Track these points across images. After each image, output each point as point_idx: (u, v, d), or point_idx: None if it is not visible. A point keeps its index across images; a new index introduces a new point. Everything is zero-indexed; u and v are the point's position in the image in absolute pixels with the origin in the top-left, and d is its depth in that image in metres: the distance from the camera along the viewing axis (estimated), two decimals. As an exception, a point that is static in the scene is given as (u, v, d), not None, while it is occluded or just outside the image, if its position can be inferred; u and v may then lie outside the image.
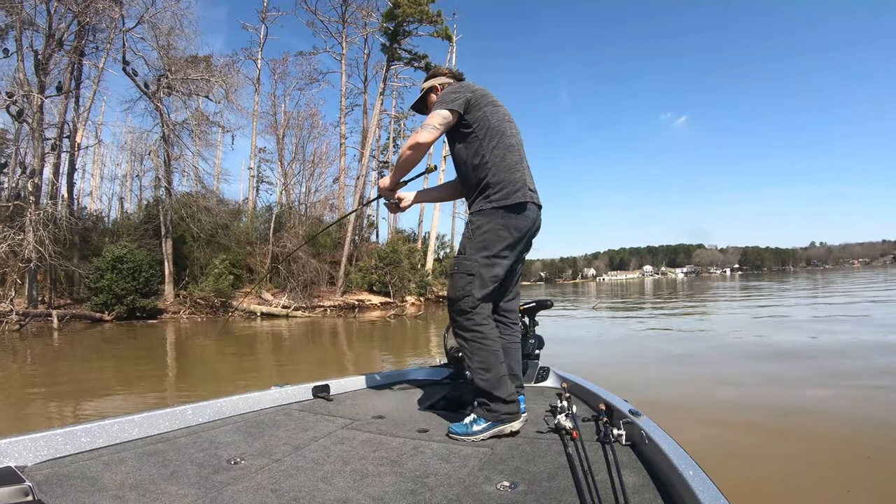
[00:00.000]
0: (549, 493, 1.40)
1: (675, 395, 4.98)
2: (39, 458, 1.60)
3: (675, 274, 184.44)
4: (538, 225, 2.28)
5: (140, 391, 6.40)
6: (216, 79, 21.56)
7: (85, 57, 19.49)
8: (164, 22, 19.89)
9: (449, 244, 36.37)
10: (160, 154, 20.74)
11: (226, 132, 25.69)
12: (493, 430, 1.94)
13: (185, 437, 1.92)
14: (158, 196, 21.80)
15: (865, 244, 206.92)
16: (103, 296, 17.41)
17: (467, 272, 2.09)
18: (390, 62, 29.27)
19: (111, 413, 4.73)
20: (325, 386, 2.69)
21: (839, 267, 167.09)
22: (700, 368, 6.30)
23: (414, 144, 2.18)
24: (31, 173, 16.79)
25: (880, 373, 5.35)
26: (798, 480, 2.89)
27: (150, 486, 1.45)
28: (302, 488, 1.45)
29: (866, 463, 3.02)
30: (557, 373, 2.89)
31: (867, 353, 6.55)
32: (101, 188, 33.49)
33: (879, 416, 3.93)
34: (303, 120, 29.34)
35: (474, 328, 2.06)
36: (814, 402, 4.46)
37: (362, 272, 26.36)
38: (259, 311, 20.32)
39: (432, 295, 29.41)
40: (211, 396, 2.22)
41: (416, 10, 26.94)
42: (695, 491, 1.16)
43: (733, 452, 3.30)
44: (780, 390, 4.92)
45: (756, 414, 4.18)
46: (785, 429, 3.75)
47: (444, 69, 2.50)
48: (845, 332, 8.67)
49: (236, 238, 23.21)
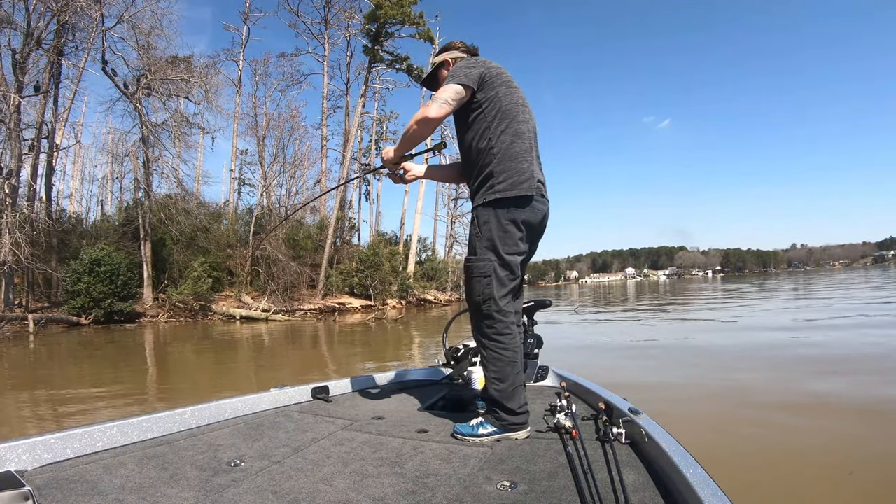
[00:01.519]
0: (549, 492, 1.43)
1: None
2: (39, 463, 1.63)
3: (658, 276, 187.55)
4: (546, 220, 2.19)
5: (114, 398, 6.43)
6: (196, 79, 21.68)
7: (64, 56, 19.48)
8: (144, 21, 20.02)
9: (431, 247, 36.82)
10: (139, 155, 20.82)
11: (206, 133, 25.75)
12: (497, 437, 1.95)
13: (184, 439, 1.95)
14: (137, 198, 21.84)
15: (846, 246, 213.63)
16: (81, 299, 17.54)
17: (483, 274, 2.02)
18: (372, 64, 29.49)
19: (84, 421, 4.97)
20: (324, 387, 2.71)
21: (820, 268, 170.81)
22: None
23: (422, 119, 2.07)
24: (8, 174, 16.78)
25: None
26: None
27: (150, 489, 1.47)
28: (302, 490, 1.48)
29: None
30: (557, 372, 2.91)
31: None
32: (81, 190, 33.31)
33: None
34: (283, 121, 29.40)
35: (496, 337, 2.02)
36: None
37: (343, 275, 26.59)
38: (238, 315, 20.54)
39: (413, 298, 29.73)
40: (196, 402, 2.23)
41: (399, 11, 27.27)
42: (695, 489, 1.19)
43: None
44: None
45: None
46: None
47: (458, 42, 2.38)
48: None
49: (216, 241, 23.35)
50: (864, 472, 3.17)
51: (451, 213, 36.67)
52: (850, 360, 6.61)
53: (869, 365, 6.20)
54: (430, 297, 30.99)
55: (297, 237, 26.58)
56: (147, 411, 2.03)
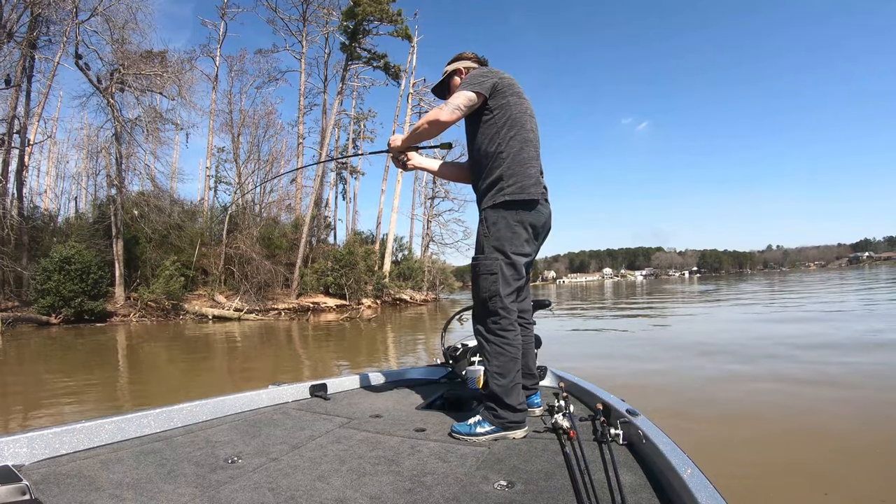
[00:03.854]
0: (546, 492, 1.45)
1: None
2: (36, 457, 1.65)
3: (635, 276, 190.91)
4: (550, 224, 2.32)
5: (75, 401, 6.24)
6: (170, 75, 21.76)
7: (37, 50, 19.48)
8: (118, 15, 20.08)
9: (407, 246, 37.18)
10: (112, 152, 20.88)
11: (180, 130, 25.78)
12: (495, 436, 1.99)
13: (182, 435, 1.98)
14: (110, 195, 21.86)
15: (821, 247, 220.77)
16: (50, 298, 17.55)
17: (490, 272, 2.11)
18: (349, 61, 29.85)
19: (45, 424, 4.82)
20: (322, 385, 2.75)
21: (795, 269, 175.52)
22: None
23: (433, 121, 2.21)
24: (-24, 170, 16.76)
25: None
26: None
27: (148, 485, 1.49)
28: (299, 487, 1.49)
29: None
30: (555, 372, 2.96)
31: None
32: (56, 187, 32.96)
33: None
34: (259, 118, 29.51)
35: (500, 332, 2.09)
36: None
37: (317, 274, 26.85)
38: (211, 314, 20.77)
39: (389, 297, 30.10)
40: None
41: (377, 8, 27.69)
42: (692, 490, 1.20)
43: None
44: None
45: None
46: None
47: (469, 53, 2.51)
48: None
49: (190, 239, 23.49)
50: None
51: (427, 212, 37.15)
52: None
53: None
54: (405, 297, 31.39)
55: (272, 235, 26.77)
56: (144, 406, 2.09)
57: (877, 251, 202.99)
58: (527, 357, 2.28)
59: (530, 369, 2.35)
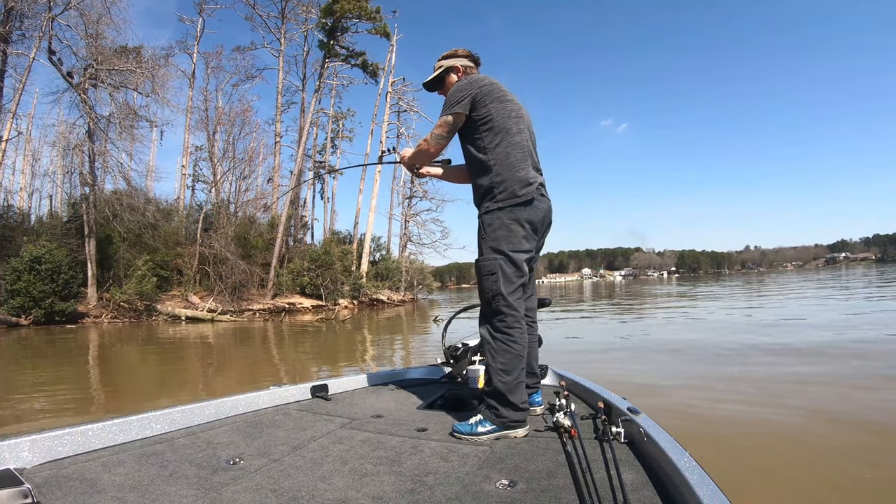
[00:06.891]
0: (547, 491, 1.45)
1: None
2: (38, 460, 1.67)
3: (614, 276, 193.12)
4: (550, 218, 2.38)
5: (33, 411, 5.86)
6: (143, 70, 21.71)
7: (10, 45, 19.35)
8: (92, 9, 20.00)
9: (385, 246, 37.40)
10: (85, 149, 20.86)
11: (154, 127, 25.71)
12: (497, 435, 2.02)
13: (183, 437, 2.00)
14: (83, 193, 21.78)
15: (799, 248, 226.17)
16: (20, 298, 17.57)
17: (490, 272, 2.18)
18: (327, 58, 30.06)
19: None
20: (323, 385, 2.78)
21: (773, 270, 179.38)
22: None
23: (423, 152, 2.47)
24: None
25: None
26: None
27: (149, 487, 1.50)
28: (301, 488, 1.51)
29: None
30: (556, 371, 2.99)
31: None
32: (31, 185, 32.58)
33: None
34: (235, 116, 29.56)
35: (505, 330, 2.14)
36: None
37: (293, 274, 26.99)
38: (184, 315, 20.87)
39: (366, 298, 30.31)
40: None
41: (355, 5, 28.03)
42: (693, 488, 1.21)
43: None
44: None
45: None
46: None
47: (462, 50, 2.58)
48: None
49: (164, 239, 23.53)
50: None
51: (405, 212, 37.42)
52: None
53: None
54: (382, 297, 31.60)
55: (248, 235, 26.88)
56: (142, 409, 2.08)
57: (853, 252, 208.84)
58: (530, 356, 2.34)
59: (532, 368, 2.44)
